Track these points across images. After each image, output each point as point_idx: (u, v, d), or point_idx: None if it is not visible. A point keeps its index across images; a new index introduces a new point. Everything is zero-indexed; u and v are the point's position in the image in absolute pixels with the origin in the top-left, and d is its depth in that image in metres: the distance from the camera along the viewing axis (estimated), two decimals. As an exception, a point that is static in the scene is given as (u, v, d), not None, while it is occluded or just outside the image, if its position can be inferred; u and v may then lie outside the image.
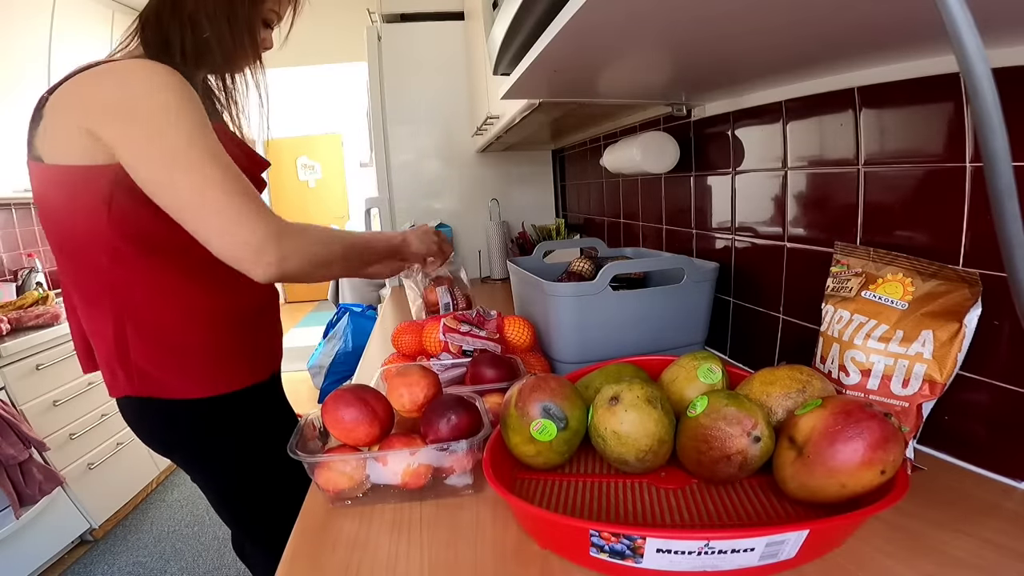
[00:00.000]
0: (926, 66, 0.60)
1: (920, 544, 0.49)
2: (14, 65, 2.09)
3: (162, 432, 0.83)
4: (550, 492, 0.61)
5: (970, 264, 0.58)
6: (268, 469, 0.88)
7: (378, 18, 1.98)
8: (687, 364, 0.67)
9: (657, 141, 1.07)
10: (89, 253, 0.71)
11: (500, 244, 2.00)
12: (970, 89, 0.22)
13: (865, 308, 0.62)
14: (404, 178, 2.06)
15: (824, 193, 0.77)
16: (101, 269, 0.72)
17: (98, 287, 0.73)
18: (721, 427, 0.54)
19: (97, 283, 0.73)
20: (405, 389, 0.69)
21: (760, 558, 0.44)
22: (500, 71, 0.92)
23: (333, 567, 0.51)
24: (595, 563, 0.47)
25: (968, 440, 0.61)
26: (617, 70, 0.75)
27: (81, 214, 0.69)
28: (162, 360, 0.76)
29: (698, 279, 0.93)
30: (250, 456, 0.87)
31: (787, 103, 0.82)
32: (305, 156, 5.94)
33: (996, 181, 0.22)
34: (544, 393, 0.61)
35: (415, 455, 0.61)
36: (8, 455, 1.54)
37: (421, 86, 2.00)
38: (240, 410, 0.84)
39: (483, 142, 1.73)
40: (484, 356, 0.83)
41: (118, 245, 0.70)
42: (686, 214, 1.15)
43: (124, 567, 1.83)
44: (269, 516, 0.91)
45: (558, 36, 0.53)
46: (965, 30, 0.21)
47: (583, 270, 1.13)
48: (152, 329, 0.75)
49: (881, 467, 0.47)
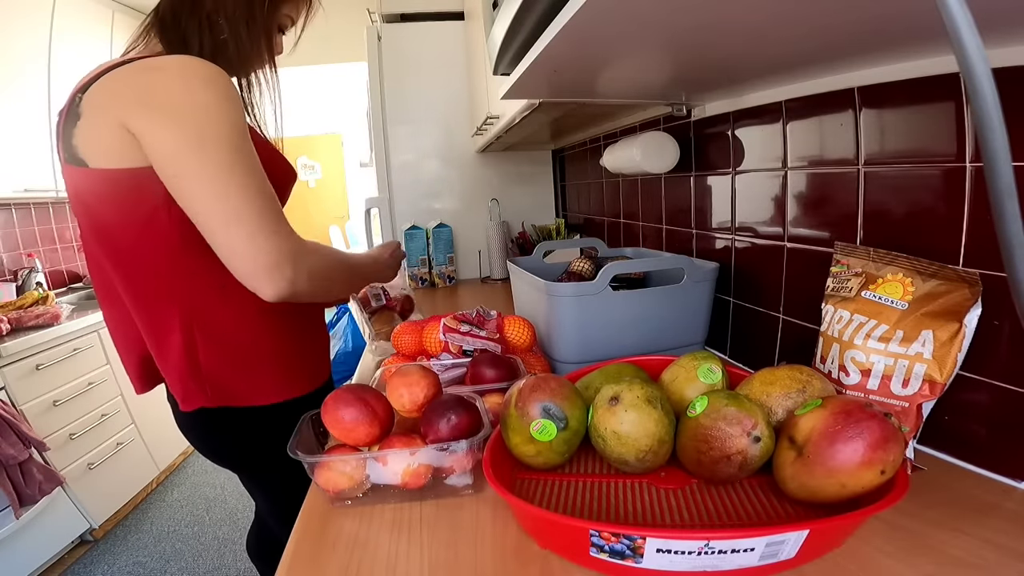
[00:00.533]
0: (926, 66, 0.60)
1: (920, 544, 0.49)
2: (14, 65, 2.09)
3: (234, 444, 0.81)
4: (550, 492, 0.61)
5: (970, 264, 0.58)
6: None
7: (378, 18, 1.98)
8: (687, 364, 0.67)
9: (657, 141, 1.07)
10: (147, 260, 0.69)
11: (500, 244, 2.00)
12: (970, 89, 0.22)
13: (865, 308, 0.62)
14: (404, 178, 2.06)
15: (824, 193, 0.77)
16: (161, 275, 0.69)
17: (160, 295, 0.70)
18: (721, 427, 0.54)
19: (159, 291, 0.70)
20: (405, 389, 0.69)
21: (760, 558, 0.44)
22: (500, 71, 0.92)
23: (333, 567, 0.51)
24: (595, 563, 0.47)
25: (968, 440, 0.61)
26: (617, 70, 0.75)
27: (137, 220, 0.67)
28: (234, 367, 0.74)
29: (698, 279, 0.93)
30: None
31: (787, 103, 0.82)
32: (305, 156, 5.94)
33: (996, 181, 0.22)
34: (544, 393, 0.61)
35: (415, 455, 0.61)
36: (8, 455, 1.54)
37: (421, 86, 1.99)
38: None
39: (483, 142, 1.73)
40: (484, 356, 0.82)
41: (178, 249, 0.68)
42: (686, 214, 1.15)
43: (124, 567, 1.83)
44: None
45: (558, 36, 0.53)
46: (965, 30, 0.21)
47: (583, 270, 1.13)
48: (221, 334, 0.73)
49: (881, 467, 0.47)
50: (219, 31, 0.72)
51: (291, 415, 0.78)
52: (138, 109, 0.62)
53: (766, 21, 0.50)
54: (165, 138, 0.61)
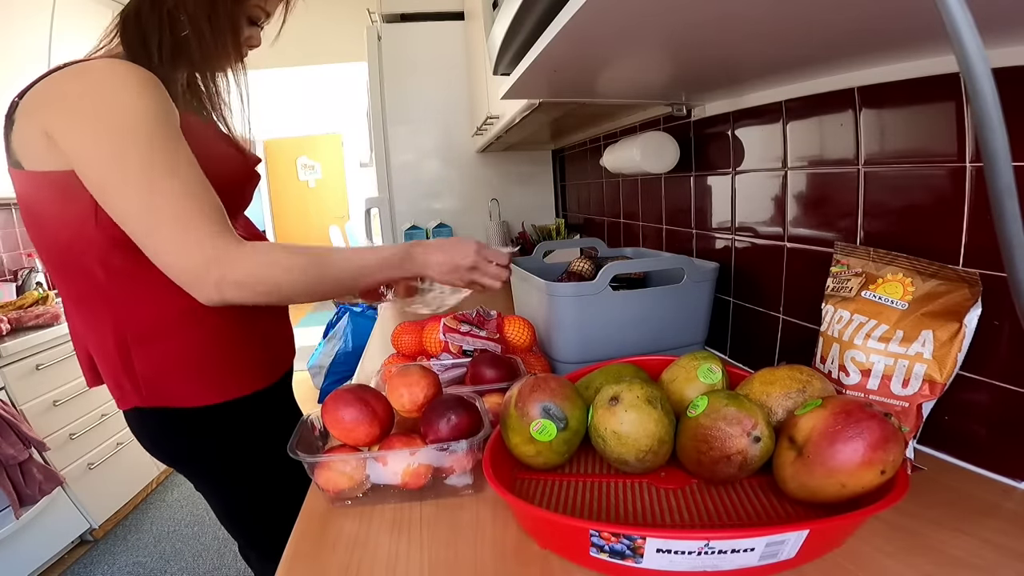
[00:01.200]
0: (926, 66, 0.60)
1: (920, 544, 0.49)
2: (14, 65, 2.09)
3: (172, 444, 0.79)
4: (550, 492, 0.61)
5: (970, 264, 0.58)
6: (280, 479, 0.83)
7: (378, 18, 1.98)
8: (687, 364, 0.67)
9: (657, 141, 1.07)
10: (80, 262, 0.68)
11: (500, 244, 2.00)
12: (970, 89, 0.22)
13: (865, 308, 0.62)
14: (404, 178, 2.06)
15: (824, 193, 0.77)
16: (95, 278, 0.69)
17: (94, 297, 0.70)
18: (721, 427, 0.54)
19: (92, 293, 0.70)
20: (405, 389, 0.69)
21: (760, 558, 0.44)
22: (500, 71, 0.92)
23: (333, 567, 0.51)
24: (595, 563, 0.47)
25: (968, 440, 0.61)
26: (617, 70, 0.75)
27: (68, 222, 0.66)
28: (168, 367, 0.74)
29: (698, 279, 0.93)
30: (262, 465, 0.83)
31: (787, 103, 0.82)
32: (305, 156, 5.94)
33: (996, 181, 0.22)
34: (544, 393, 0.61)
35: (415, 455, 0.61)
36: (8, 455, 1.54)
37: (421, 86, 2.00)
38: (252, 415, 0.80)
39: (483, 142, 1.73)
40: (484, 356, 0.82)
41: (109, 252, 0.67)
42: (686, 214, 1.15)
43: (124, 567, 1.83)
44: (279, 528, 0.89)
45: (558, 36, 0.53)
46: (965, 30, 0.21)
47: (583, 270, 1.13)
48: (154, 336, 0.72)
49: (881, 467, 0.47)
50: (180, 27, 0.69)
51: (233, 417, 0.78)
52: (55, 114, 0.62)
53: (765, 18, 0.50)
54: (80, 142, 0.61)
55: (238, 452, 0.81)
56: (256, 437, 0.81)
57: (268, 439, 0.80)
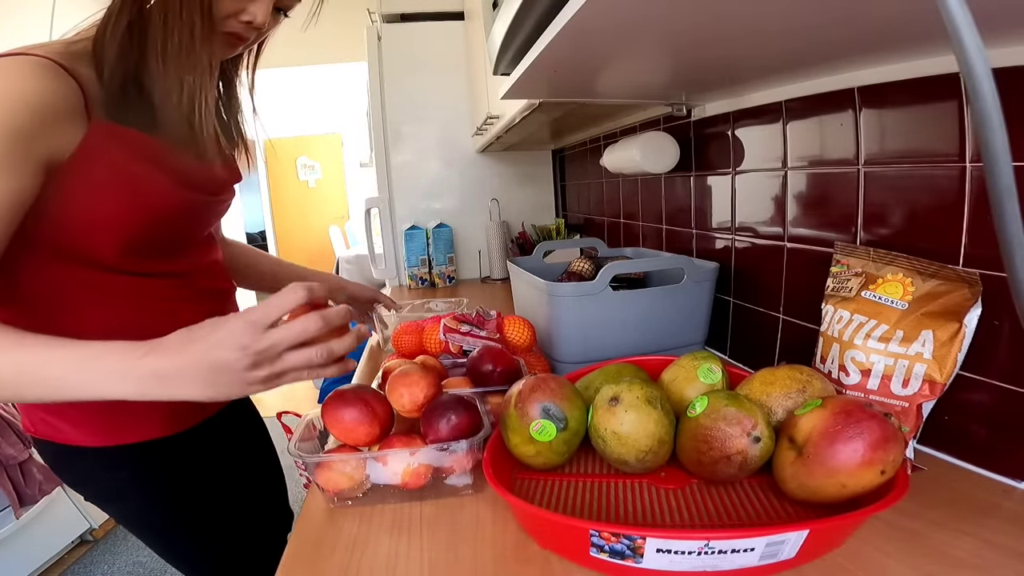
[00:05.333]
0: (926, 66, 0.60)
1: (920, 544, 0.49)
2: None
3: (66, 476, 0.75)
4: (550, 492, 0.61)
5: (970, 264, 0.58)
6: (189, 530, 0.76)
7: (378, 18, 1.98)
8: (687, 364, 0.67)
9: (657, 141, 1.07)
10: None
11: (500, 244, 2.00)
12: (970, 89, 0.22)
13: (865, 308, 0.62)
14: (404, 178, 2.06)
15: (824, 193, 0.77)
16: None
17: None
18: (721, 427, 0.54)
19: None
20: (405, 389, 0.69)
21: (760, 558, 0.44)
22: (500, 71, 0.92)
23: (333, 567, 0.51)
24: (595, 563, 0.47)
25: (968, 440, 0.61)
26: (617, 70, 0.75)
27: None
28: (49, 405, 0.67)
29: (698, 279, 0.93)
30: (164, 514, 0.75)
31: (787, 103, 0.82)
32: (305, 156, 5.94)
33: (996, 181, 0.22)
34: (544, 393, 0.61)
35: (415, 455, 0.61)
36: (8, 455, 1.55)
37: (421, 86, 1.99)
38: (158, 461, 0.72)
39: (483, 142, 1.73)
40: (485, 352, 0.82)
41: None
42: (686, 214, 1.15)
43: (124, 567, 1.83)
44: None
45: (558, 36, 0.53)
46: (965, 30, 0.21)
47: (583, 270, 1.13)
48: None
49: (881, 467, 0.47)
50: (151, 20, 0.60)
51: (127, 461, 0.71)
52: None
53: (765, 16, 0.50)
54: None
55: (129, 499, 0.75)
56: (151, 484, 0.74)
57: (168, 491, 0.74)
